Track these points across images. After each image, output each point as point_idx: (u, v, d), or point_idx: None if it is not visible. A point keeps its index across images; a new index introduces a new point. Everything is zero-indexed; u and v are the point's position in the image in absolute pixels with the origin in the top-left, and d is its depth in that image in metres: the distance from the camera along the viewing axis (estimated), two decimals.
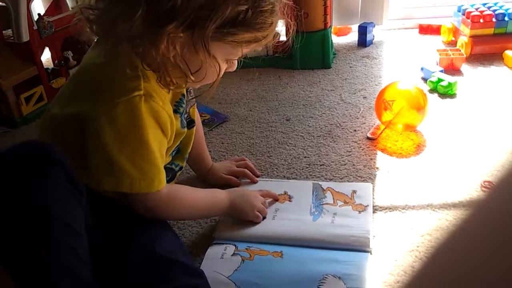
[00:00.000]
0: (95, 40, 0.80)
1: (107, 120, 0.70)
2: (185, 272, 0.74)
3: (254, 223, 0.91)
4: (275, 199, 0.98)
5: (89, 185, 0.70)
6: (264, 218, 0.93)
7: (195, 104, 0.94)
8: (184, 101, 0.87)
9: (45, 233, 0.62)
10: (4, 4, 1.37)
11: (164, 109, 0.74)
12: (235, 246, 0.87)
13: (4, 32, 1.45)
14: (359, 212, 0.92)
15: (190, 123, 0.91)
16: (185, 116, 0.87)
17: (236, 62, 0.80)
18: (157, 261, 0.74)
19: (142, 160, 0.72)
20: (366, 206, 0.93)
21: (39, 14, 1.47)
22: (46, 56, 1.64)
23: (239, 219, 0.92)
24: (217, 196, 0.90)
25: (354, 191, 0.98)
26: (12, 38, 1.41)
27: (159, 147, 0.75)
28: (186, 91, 0.89)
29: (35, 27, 1.43)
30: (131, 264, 0.74)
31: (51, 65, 1.61)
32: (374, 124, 1.24)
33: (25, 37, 1.39)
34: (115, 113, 0.69)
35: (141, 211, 0.79)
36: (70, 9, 1.61)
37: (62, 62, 1.58)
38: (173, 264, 0.74)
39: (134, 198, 0.76)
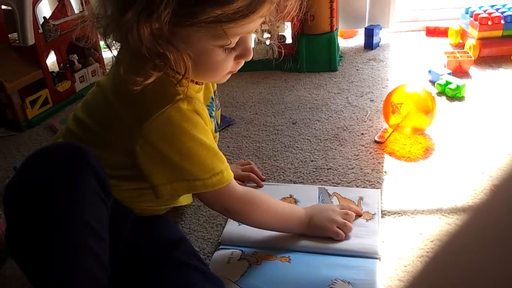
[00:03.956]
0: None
1: (158, 133, 0.69)
2: (205, 279, 0.74)
3: (261, 229, 0.87)
4: (358, 215, 0.91)
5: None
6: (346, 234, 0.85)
7: (220, 108, 0.94)
8: (214, 105, 0.86)
9: (71, 235, 0.62)
10: (9, 8, 1.37)
11: (204, 110, 0.75)
12: (242, 251, 0.86)
13: (9, 35, 1.45)
14: (367, 220, 0.90)
15: (215, 127, 0.90)
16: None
17: (247, 48, 0.72)
18: (177, 266, 0.74)
19: (205, 158, 0.72)
20: (373, 214, 0.92)
21: (44, 18, 1.47)
22: (51, 60, 1.64)
23: (318, 236, 0.86)
24: (295, 210, 0.88)
25: (361, 198, 0.96)
26: (17, 41, 1.41)
27: (212, 140, 0.75)
28: (214, 94, 0.88)
29: (41, 31, 1.43)
30: (151, 267, 0.74)
31: (56, 69, 1.61)
32: (382, 128, 1.22)
33: (31, 40, 1.39)
34: (164, 123, 0.69)
35: (220, 211, 0.82)
36: (77, 12, 1.61)
37: (67, 65, 1.58)
38: (193, 270, 0.74)
39: (210, 198, 0.78)
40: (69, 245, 0.62)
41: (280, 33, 1.68)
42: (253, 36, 1.72)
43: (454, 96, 1.35)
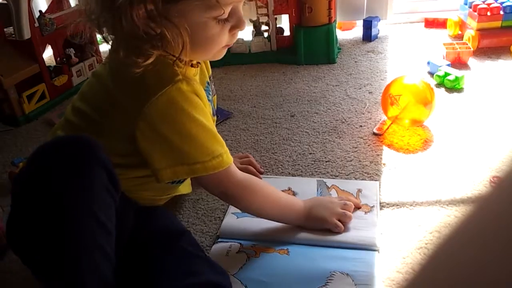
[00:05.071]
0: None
1: (159, 114, 0.69)
2: (211, 268, 0.74)
3: (259, 221, 0.87)
4: (357, 207, 0.90)
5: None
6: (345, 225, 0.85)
7: (215, 94, 0.94)
8: (210, 89, 0.86)
9: (79, 229, 0.62)
10: (5, 2, 1.36)
11: (202, 91, 0.74)
12: (240, 244, 0.86)
13: (5, 29, 1.44)
14: (365, 212, 0.90)
15: (213, 111, 0.90)
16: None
17: (239, 18, 0.72)
18: (182, 255, 0.74)
19: (205, 141, 0.72)
20: (372, 207, 0.91)
21: (40, 11, 1.46)
22: (48, 54, 1.64)
23: (317, 229, 0.85)
24: (294, 201, 0.88)
25: (360, 190, 0.96)
26: (13, 35, 1.40)
27: (211, 123, 0.75)
28: (210, 79, 0.88)
29: (37, 25, 1.42)
30: (156, 255, 0.74)
31: (53, 63, 1.60)
32: (380, 120, 1.22)
33: (27, 34, 1.38)
34: (165, 103, 0.68)
35: (219, 195, 0.81)
36: (73, 5, 1.60)
37: (64, 59, 1.57)
38: (198, 259, 0.74)
39: (210, 182, 0.78)
40: (77, 238, 0.62)
41: (278, 26, 1.67)
42: (251, 29, 1.72)
43: (453, 87, 1.34)
